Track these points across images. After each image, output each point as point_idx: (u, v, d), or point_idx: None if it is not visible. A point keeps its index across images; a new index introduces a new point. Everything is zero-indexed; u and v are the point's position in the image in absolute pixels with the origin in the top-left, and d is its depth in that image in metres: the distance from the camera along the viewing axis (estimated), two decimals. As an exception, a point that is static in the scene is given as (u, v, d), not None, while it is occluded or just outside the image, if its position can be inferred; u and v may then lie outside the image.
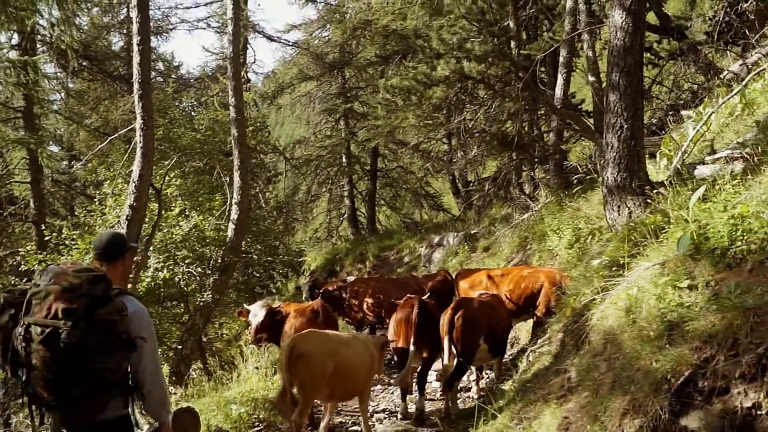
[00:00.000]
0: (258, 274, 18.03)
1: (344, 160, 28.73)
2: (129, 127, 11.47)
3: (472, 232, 19.04)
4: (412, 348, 8.58)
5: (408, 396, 9.07)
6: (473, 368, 9.56)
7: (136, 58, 9.42)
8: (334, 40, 28.13)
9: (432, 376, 10.62)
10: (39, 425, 4.36)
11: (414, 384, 9.07)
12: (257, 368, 9.51)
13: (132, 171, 9.58)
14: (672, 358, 4.71)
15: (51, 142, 25.43)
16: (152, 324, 4.37)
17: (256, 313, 9.25)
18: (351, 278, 14.05)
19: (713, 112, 9.04)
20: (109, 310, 3.98)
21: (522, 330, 11.13)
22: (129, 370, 4.20)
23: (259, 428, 8.14)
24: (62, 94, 25.12)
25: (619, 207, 7.42)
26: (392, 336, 8.99)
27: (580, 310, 6.81)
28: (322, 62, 27.91)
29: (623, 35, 7.55)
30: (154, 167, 10.69)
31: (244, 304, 10.32)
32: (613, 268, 6.60)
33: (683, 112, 11.40)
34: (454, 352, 8.32)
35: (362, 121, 27.54)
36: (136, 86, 9.52)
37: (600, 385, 5.35)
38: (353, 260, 24.30)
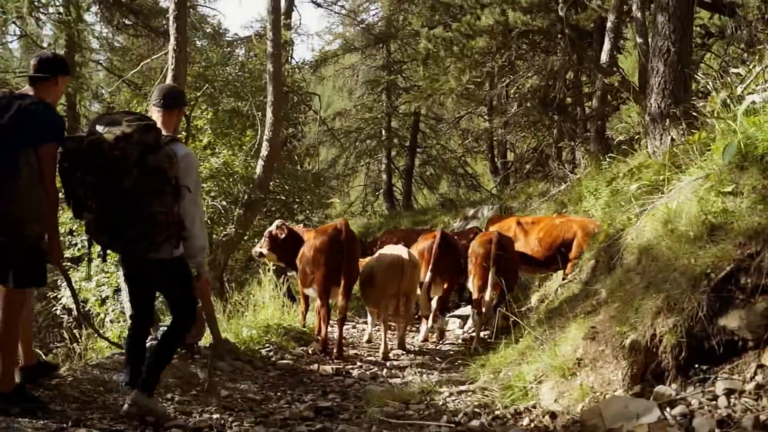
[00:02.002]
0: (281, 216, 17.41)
1: (384, 134, 28.37)
2: (161, 53, 11.31)
3: (508, 205, 18.63)
4: (427, 277, 8.94)
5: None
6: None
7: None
8: (382, 12, 27.78)
9: (455, 323, 10.36)
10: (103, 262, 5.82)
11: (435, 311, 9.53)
12: (273, 298, 9.27)
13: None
14: (713, 254, 4.36)
15: (92, 101, 25.37)
16: (198, 169, 4.67)
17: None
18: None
19: (765, 67, 8.54)
20: (160, 158, 4.25)
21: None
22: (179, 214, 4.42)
23: (268, 349, 7.88)
24: (107, 52, 25.08)
25: (661, 135, 7.02)
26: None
27: (614, 234, 6.44)
28: (368, 33, 27.55)
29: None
30: (186, 96, 10.48)
31: None
32: (652, 192, 6.23)
33: (732, 70, 10.85)
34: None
35: (404, 95, 27.17)
36: (171, 6, 9.31)
37: (632, 295, 4.99)
38: (385, 232, 23.96)
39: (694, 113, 6.71)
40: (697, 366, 4.29)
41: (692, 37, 7.37)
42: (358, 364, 7.90)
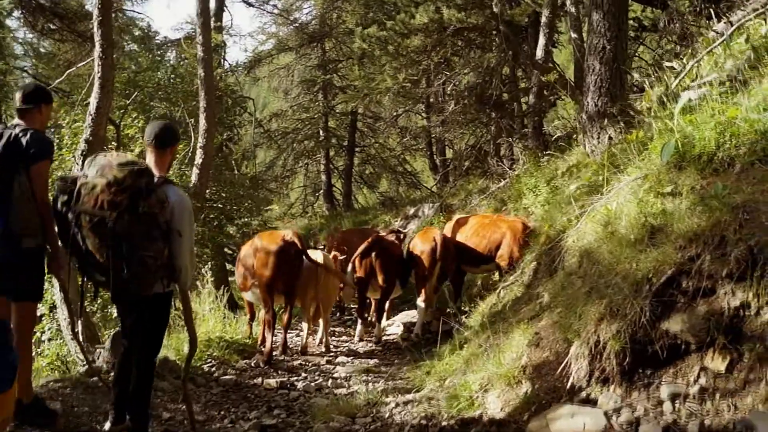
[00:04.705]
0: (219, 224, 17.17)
1: (321, 134, 28.19)
2: (88, 60, 10.92)
3: (449, 203, 18.65)
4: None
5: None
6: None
7: (95, -21, 8.90)
8: (315, 10, 27.57)
9: (397, 328, 10.42)
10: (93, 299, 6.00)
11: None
12: (213, 310, 9.04)
13: (89, 105, 9.00)
14: (654, 258, 4.33)
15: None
16: (191, 212, 4.65)
17: None
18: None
19: (698, 61, 8.65)
20: (151, 203, 4.25)
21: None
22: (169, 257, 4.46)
23: (210, 364, 7.68)
24: (32, 58, 24.32)
25: (599, 134, 7.02)
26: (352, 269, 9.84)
27: (555, 236, 6.42)
28: (302, 32, 27.31)
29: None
30: (114, 107, 10.19)
31: None
32: (591, 192, 6.22)
33: (666, 64, 11.00)
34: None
35: (341, 94, 27.03)
36: (95, 12, 8.94)
37: (574, 300, 4.95)
38: (327, 235, 23.85)
39: (631, 111, 6.73)
40: (641, 371, 4.27)
41: (627, 34, 7.38)
42: (302, 374, 7.76)
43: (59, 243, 4.70)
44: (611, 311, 4.36)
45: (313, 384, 7.27)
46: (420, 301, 9.74)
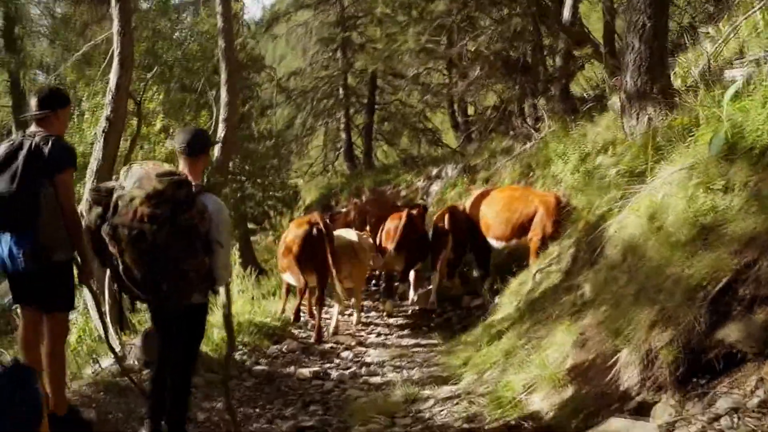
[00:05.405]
0: (252, 210, 17.31)
1: (341, 92, 27.85)
2: (106, 33, 10.69)
3: (472, 164, 18.39)
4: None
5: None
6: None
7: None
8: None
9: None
10: (130, 312, 5.57)
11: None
12: (242, 291, 8.97)
13: (109, 81, 8.83)
14: (708, 264, 4.14)
15: (38, 72, 24.46)
16: (229, 221, 4.60)
17: None
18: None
19: (735, 27, 8.30)
20: (192, 214, 4.14)
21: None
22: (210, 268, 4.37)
23: (242, 352, 7.61)
24: (47, 19, 24.09)
25: (638, 114, 6.75)
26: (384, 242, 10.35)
27: (594, 223, 6.22)
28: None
29: None
30: (135, 80, 9.99)
31: None
32: (632, 177, 5.99)
33: (701, 30, 10.62)
34: None
35: (360, 51, 26.60)
36: (113, -15, 8.72)
37: (621, 298, 4.79)
38: (349, 194, 23.74)
39: (672, 91, 6.47)
40: (695, 380, 4.11)
41: (668, 9, 7.06)
42: (335, 361, 7.70)
43: (89, 253, 4.65)
44: (664, 318, 4.20)
45: (346, 372, 7.21)
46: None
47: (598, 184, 6.94)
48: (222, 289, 4.70)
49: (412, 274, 10.65)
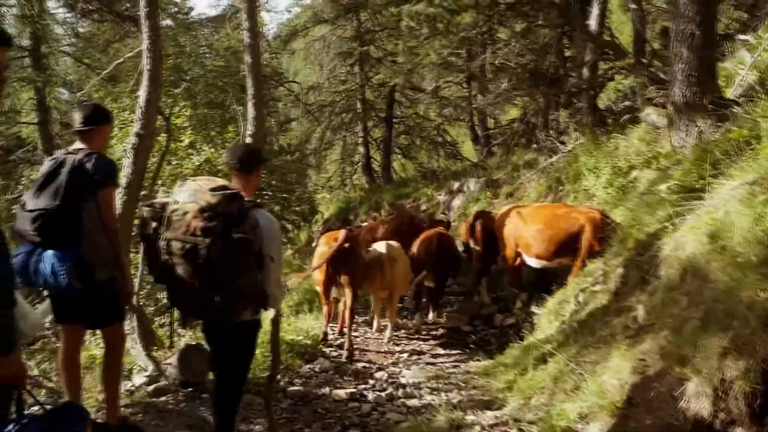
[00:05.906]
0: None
1: (359, 106, 27.75)
2: (136, 50, 10.55)
3: (494, 177, 18.14)
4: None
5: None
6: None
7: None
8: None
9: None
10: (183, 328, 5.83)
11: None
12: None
13: (139, 97, 8.74)
14: (785, 288, 3.87)
15: (62, 90, 24.54)
16: (281, 236, 4.69)
17: None
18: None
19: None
20: (245, 228, 4.09)
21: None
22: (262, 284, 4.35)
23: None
24: (71, 38, 24.21)
25: (687, 127, 6.49)
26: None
27: (645, 242, 5.96)
28: (337, 3, 26.69)
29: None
30: (162, 95, 9.86)
31: None
32: (686, 194, 5.73)
33: (738, 37, 10.37)
34: None
35: (378, 65, 26.54)
36: (142, 2, 8.61)
37: (683, 322, 4.52)
38: (368, 208, 23.55)
39: (725, 102, 6.22)
40: (772, 413, 3.85)
41: (716, 16, 6.82)
42: (370, 382, 7.46)
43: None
44: (737, 346, 3.93)
45: (383, 394, 6.96)
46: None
47: (646, 201, 6.66)
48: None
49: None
